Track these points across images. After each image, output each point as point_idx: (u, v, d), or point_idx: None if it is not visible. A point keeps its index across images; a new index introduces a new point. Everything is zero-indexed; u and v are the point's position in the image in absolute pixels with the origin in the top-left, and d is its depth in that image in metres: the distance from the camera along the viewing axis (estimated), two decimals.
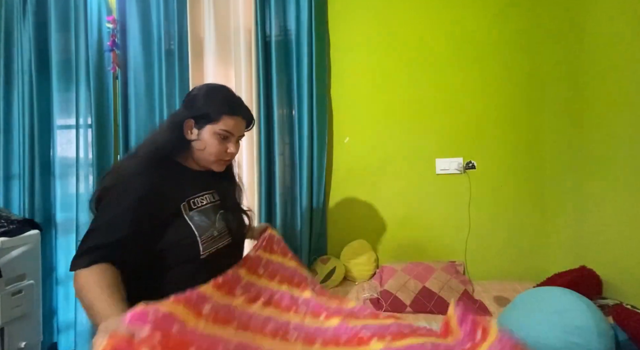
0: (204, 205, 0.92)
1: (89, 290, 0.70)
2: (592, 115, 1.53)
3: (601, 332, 0.95)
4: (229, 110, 0.91)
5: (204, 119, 0.90)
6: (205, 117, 0.90)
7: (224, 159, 0.96)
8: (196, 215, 0.89)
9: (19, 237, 1.68)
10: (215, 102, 0.91)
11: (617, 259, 1.39)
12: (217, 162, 0.95)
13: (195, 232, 0.87)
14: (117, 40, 1.95)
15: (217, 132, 0.91)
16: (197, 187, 0.93)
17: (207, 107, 0.90)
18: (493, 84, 1.81)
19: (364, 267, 1.77)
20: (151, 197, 0.82)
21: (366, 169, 1.90)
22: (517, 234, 1.79)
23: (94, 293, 0.69)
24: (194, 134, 0.92)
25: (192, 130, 0.92)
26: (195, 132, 0.92)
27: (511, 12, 1.79)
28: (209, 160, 0.94)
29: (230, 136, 0.93)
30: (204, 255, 0.87)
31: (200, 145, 0.92)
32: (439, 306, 1.47)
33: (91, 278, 0.71)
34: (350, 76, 1.92)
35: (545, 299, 1.09)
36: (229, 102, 0.93)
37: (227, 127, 0.91)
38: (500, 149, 1.80)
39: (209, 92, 0.93)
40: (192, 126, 0.92)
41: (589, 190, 1.56)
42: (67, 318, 2.01)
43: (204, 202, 0.92)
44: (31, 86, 1.98)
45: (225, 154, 0.94)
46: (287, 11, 1.89)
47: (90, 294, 0.69)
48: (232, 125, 0.92)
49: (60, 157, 2.05)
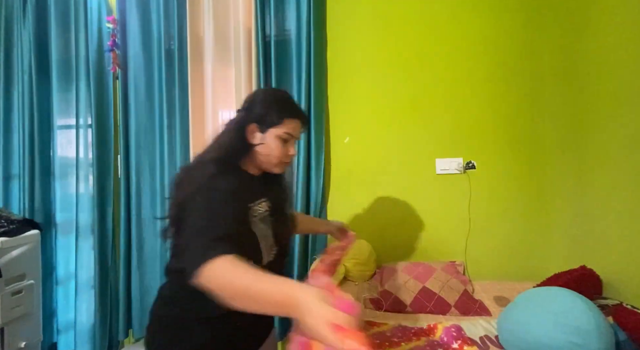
0: (262, 213, 0.93)
1: (236, 276, 0.63)
2: (592, 115, 1.53)
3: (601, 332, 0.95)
4: (291, 113, 0.94)
5: (267, 123, 0.92)
6: (268, 120, 0.92)
7: (286, 162, 0.97)
8: (258, 223, 0.90)
9: (19, 237, 1.69)
10: (277, 105, 0.93)
11: (617, 259, 1.39)
12: (279, 164, 0.96)
13: (259, 240, 0.88)
14: (117, 40, 1.95)
15: (279, 135, 0.92)
16: (257, 194, 0.94)
17: (269, 111, 0.92)
18: (493, 84, 1.80)
19: (364, 267, 1.77)
20: (235, 195, 0.82)
21: (366, 169, 1.90)
22: (517, 234, 1.79)
23: (247, 276, 0.62)
24: (258, 138, 0.93)
25: (256, 135, 0.93)
26: (259, 136, 0.93)
27: (511, 12, 1.79)
28: (272, 163, 0.95)
29: (290, 138, 0.95)
30: (265, 263, 0.89)
31: (265, 149, 0.93)
32: (439, 306, 1.46)
33: (230, 266, 0.64)
34: (349, 76, 1.92)
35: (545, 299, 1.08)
36: (290, 105, 0.96)
37: (289, 129, 0.93)
38: (500, 149, 1.80)
39: (270, 96, 0.95)
40: (256, 130, 0.93)
41: (589, 190, 1.55)
42: (67, 318, 2.02)
43: (261, 209, 0.93)
44: (31, 86, 1.98)
45: (287, 156, 0.96)
46: (286, 11, 1.89)
47: (243, 277, 0.62)
48: (293, 128, 0.94)
49: (60, 157, 2.05)
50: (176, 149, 1.94)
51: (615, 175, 1.41)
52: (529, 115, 1.78)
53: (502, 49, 1.80)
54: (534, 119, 1.78)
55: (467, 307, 1.45)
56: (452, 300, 1.47)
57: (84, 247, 1.99)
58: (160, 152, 1.97)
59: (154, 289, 1.96)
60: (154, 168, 1.98)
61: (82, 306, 1.98)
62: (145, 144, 1.98)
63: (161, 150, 1.97)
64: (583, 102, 1.57)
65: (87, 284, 1.99)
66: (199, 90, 1.94)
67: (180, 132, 1.93)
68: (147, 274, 1.97)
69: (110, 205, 2.01)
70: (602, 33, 1.46)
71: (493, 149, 1.80)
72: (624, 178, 1.36)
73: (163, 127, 1.95)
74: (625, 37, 1.35)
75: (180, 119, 1.93)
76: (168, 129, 1.94)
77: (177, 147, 1.93)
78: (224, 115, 1.98)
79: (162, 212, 1.96)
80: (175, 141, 1.94)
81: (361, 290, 1.65)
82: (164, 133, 1.94)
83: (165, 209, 0.90)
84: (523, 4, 1.78)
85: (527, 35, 1.77)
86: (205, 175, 0.83)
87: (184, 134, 1.93)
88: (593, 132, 1.52)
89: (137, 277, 1.96)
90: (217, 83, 1.95)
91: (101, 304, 1.95)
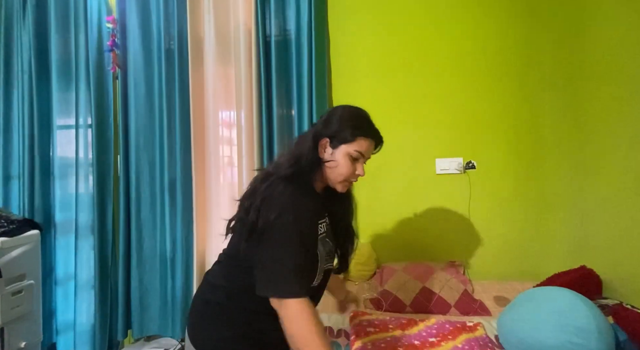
0: (323, 233, 0.93)
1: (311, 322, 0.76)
2: (592, 115, 1.53)
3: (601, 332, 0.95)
4: (364, 132, 0.93)
5: (339, 139, 0.92)
6: (341, 136, 0.91)
7: (351, 180, 0.96)
8: (320, 244, 0.91)
9: (19, 237, 1.69)
10: (352, 122, 0.93)
11: (617, 259, 1.39)
12: (344, 182, 0.95)
13: (319, 261, 0.90)
14: (117, 40, 1.95)
15: (350, 152, 0.92)
16: (321, 213, 0.94)
17: (344, 128, 0.91)
18: (493, 84, 1.80)
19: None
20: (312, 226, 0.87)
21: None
22: (517, 234, 1.79)
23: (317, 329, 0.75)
24: (328, 153, 0.93)
25: (327, 149, 0.93)
26: (329, 151, 0.93)
27: (512, 13, 1.79)
28: (337, 180, 0.94)
29: (360, 158, 0.94)
30: (315, 283, 0.92)
31: (333, 164, 0.92)
32: (439, 306, 1.47)
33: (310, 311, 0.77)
34: (350, 76, 1.92)
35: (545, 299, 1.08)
36: (365, 124, 0.95)
37: (361, 148, 0.92)
38: (500, 149, 1.80)
39: (347, 113, 0.95)
40: (327, 145, 0.93)
41: (589, 190, 1.56)
42: (66, 318, 2.01)
43: (323, 230, 0.93)
44: (31, 86, 1.98)
45: (353, 175, 0.95)
46: (287, 11, 1.89)
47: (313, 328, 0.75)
48: (365, 147, 0.93)
49: (60, 157, 2.05)
50: (176, 149, 1.94)
51: (615, 175, 1.41)
52: (529, 115, 1.78)
53: (502, 49, 1.80)
54: (534, 119, 1.78)
55: (467, 307, 1.45)
56: (452, 300, 1.47)
57: (84, 247, 1.99)
58: (160, 152, 1.97)
59: (153, 289, 1.96)
60: (153, 168, 1.98)
61: (82, 306, 1.98)
62: (145, 144, 1.98)
63: (161, 150, 1.97)
64: (583, 103, 1.57)
65: (87, 284, 1.99)
66: (199, 90, 1.94)
67: (180, 132, 1.93)
68: (146, 274, 1.97)
69: (110, 205, 2.01)
70: (602, 33, 1.46)
71: (493, 149, 1.80)
72: (624, 178, 1.36)
73: (163, 127, 1.95)
74: (625, 38, 1.35)
75: (180, 118, 1.93)
76: (168, 129, 1.94)
77: (177, 147, 1.93)
78: (224, 115, 1.98)
79: (163, 212, 1.96)
80: (175, 141, 1.94)
81: (361, 290, 1.65)
82: (164, 133, 1.94)
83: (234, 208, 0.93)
84: (524, 4, 1.78)
85: (528, 36, 1.78)
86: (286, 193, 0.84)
87: (184, 134, 1.93)
88: (593, 132, 1.52)
89: (136, 277, 1.96)
90: (217, 83, 1.95)
91: (101, 304, 1.95)
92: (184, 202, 1.92)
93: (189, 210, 1.91)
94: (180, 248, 1.93)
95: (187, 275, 1.92)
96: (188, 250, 1.92)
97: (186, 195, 1.92)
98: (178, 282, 1.93)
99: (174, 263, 1.94)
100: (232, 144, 1.99)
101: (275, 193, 0.85)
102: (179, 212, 1.93)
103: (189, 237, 1.92)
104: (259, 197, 0.85)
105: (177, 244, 1.94)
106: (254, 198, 0.86)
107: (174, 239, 1.95)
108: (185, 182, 1.92)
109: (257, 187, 0.88)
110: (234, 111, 1.94)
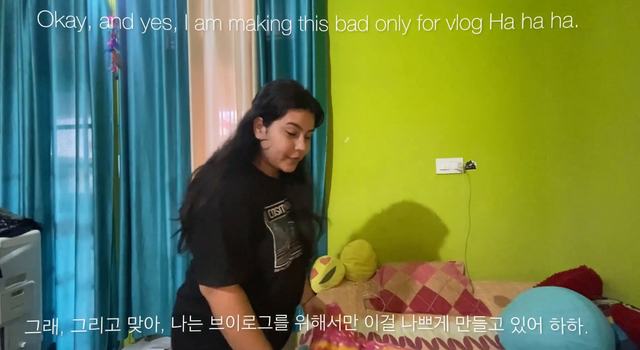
0: (280, 216, 0.91)
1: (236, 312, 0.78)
2: (592, 116, 1.53)
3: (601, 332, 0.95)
4: (295, 103, 0.86)
5: (270, 116, 0.87)
6: (272, 113, 0.86)
7: (293, 157, 0.90)
8: (275, 226, 0.88)
9: (19, 237, 1.69)
10: (280, 97, 0.87)
11: (617, 259, 1.39)
12: (285, 160, 0.90)
13: (274, 245, 0.87)
14: (117, 40, 1.95)
15: (283, 127, 0.86)
16: (273, 196, 0.91)
17: (272, 103, 0.87)
18: (493, 84, 1.81)
19: (364, 267, 1.77)
20: (249, 202, 0.83)
21: (366, 169, 1.90)
22: (517, 234, 1.79)
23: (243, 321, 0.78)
24: (263, 133, 0.88)
25: (261, 129, 0.89)
26: (263, 130, 0.88)
27: (512, 13, 1.79)
28: (277, 159, 0.89)
29: (298, 131, 0.88)
30: (278, 269, 0.88)
31: (268, 143, 0.88)
32: (439, 306, 1.47)
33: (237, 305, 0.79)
34: (350, 76, 1.91)
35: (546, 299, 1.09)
36: (295, 95, 0.88)
37: (295, 120, 0.86)
38: (500, 149, 1.80)
39: (273, 88, 0.90)
40: (261, 124, 0.88)
41: (589, 190, 1.56)
42: (67, 318, 2.01)
43: (279, 212, 0.91)
44: (31, 86, 1.98)
45: (293, 151, 0.89)
46: (287, 11, 1.89)
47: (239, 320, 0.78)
48: (300, 119, 0.87)
49: (60, 157, 2.04)
50: (176, 149, 1.94)
51: (615, 175, 1.41)
52: (529, 115, 1.78)
53: (502, 49, 1.80)
54: (534, 119, 1.78)
55: (467, 307, 1.45)
56: (452, 300, 1.47)
57: (84, 247, 1.98)
58: (161, 152, 1.97)
59: (154, 289, 1.96)
60: (154, 168, 1.98)
61: (82, 306, 1.98)
62: (145, 144, 1.98)
63: (161, 150, 1.97)
64: (583, 103, 1.57)
65: (87, 284, 1.98)
66: (199, 90, 1.94)
67: (181, 132, 1.93)
68: (147, 274, 1.97)
69: (111, 205, 2.01)
70: (603, 32, 1.46)
71: (493, 149, 1.81)
72: (623, 178, 1.36)
73: (163, 127, 1.95)
74: (625, 37, 1.35)
75: (180, 119, 1.93)
76: (168, 129, 1.94)
77: (177, 147, 1.93)
78: (224, 115, 1.98)
79: (163, 212, 1.96)
80: (175, 141, 1.94)
81: (361, 290, 1.65)
82: (164, 133, 1.94)
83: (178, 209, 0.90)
84: (524, 4, 1.78)
85: (528, 36, 1.77)
86: (217, 178, 0.81)
87: (184, 134, 1.93)
88: (593, 132, 1.52)
89: (137, 277, 1.96)
90: (218, 83, 1.95)
91: (101, 304, 1.95)
92: None
93: None
94: None
95: None
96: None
97: None
98: (178, 282, 1.92)
99: (175, 263, 1.94)
100: None
101: (206, 180, 0.83)
102: None
103: None
104: (195, 188, 0.84)
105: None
106: (191, 190, 0.85)
107: (174, 238, 1.94)
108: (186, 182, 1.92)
109: (196, 178, 0.87)
110: (234, 111, 1.94)
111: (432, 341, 1.24)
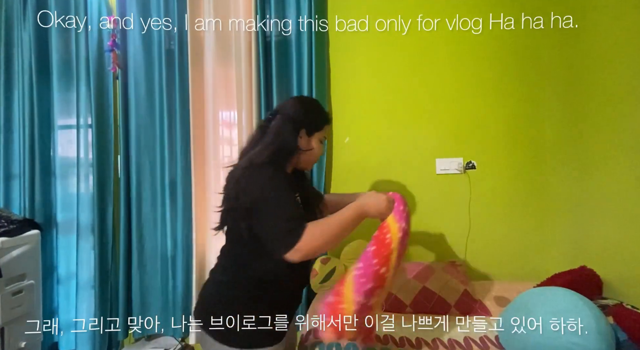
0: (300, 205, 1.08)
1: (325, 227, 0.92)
2: (592, 116, 1.53)
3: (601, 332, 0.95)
4: (328, 120, 1.14)
5: (312, 128, 1.09)
6: (314, 126, 1.09)
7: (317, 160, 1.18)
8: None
9: (19, 237, 1.69)
10: (318, 113, 1.12)
11: (617, 259, 1.39)
12: (314, 163, 1.20)
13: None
14: (117, 40, 1.95)
15: (320, 138, 1.11)
16: (294, 189, 1.06)
17: (314, 118, 1.10)
18: (493, 84, 1.80)
19: None
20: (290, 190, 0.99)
21: (366, 169, 1.90)
22: (518, 234, 1.79)
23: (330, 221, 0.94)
24: (305, 142, 1.08)
25: (304, 138, 1.08)
26: (306, 140, 1.08)
27: (511, 12, 1.79)
28: (311, 161, 1.14)
29: (324, 140, 1.16)
30: None
31: (312, 151, 1.10)
32: (439, 306, 1.47)
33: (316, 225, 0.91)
34: (350, 76, 1.91)
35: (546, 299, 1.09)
36: (325, 113, 1.15)
37: (327, 133, 1.18)
38: (500, 149, 1.80)
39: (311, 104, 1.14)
40: (304, 135, 1.08)
41: (589, 190, 1.55)
42: (67, 318, 2.02)
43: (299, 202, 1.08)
44: (31, 86, 1.98)
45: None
46: (287, 11, 1.89)
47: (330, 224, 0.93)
48: (328, 132, 1.19)
49: (60, 157, 2.05)
50: (176, 149, 1.94)
51: (615, 176, 1.41)
52: (529, 115, 1.78)
53: (502, 49, 1.80)
54: (534, 119, 1.78)
55: (467, 307, 1.45)
56: (452, 300, 1.47)
57: (85, 247, 1.99)
58: (161, 152, 1.97)
59: (154, 288, 1.96)
60: (154, 168, 1.98)
61: (83, 306, 1.98)
62: (145, 144, 1.98)
63: (161, 150, 1.97)
64: (583, 103, 1.57)
65: (87, 284, 1.99)
66: (199, 90, 1.94)
67: (181, 132, 1.93)
68: (147, 274, 1.97)
69: (111, 205, 2.01)
70: (602, 33, 1.46)
71: (493, 149, 1.80)
72: (624, 178, 1.36)
73: (163, 127, 1.95)
74: (624, 38, 1.35)
75: (180, 119, 1.93)
76: (168, 129, 1.94)
77: (178, 147, 1.93)
78: (224, 115, 1.98)
79: (163, 212, 1.96)
80: (175, 141, 1.94)
81: None
82: (164, 133, 1.94)
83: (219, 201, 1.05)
84: (524, 4, 1.78)
85: (528, 36, 1.77)
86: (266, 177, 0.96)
87: (184, 134, 1.93)
88: (593, 132, 1.52)
89: (137, 277, 1.96)
90: (218, 83, 1.95)
91: (101, 304, 1.95)
92: (185, 201, 1.92)
93: (190, 209, 1.92)
94: (181, 247, 1.93)
95: (188, 274, 1.93)
96: (188, 250, 1.92)
97: (186, 195, 1.92)
98: (179, 281, 1.93)
99: (175, 262, 1.94)
100: (232, 144, 1.99)
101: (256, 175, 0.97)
102: (179, 212, 1.93)
103: (190, 236, 1.92)
104: (243, 182, 0.96)
105: (177, 243, 1.94)
106: (239, 185, 0.96)
107: (174, 238, 1.95)
108: (186, 182, 1.92)
109: (240, 176, 0.98)
110: (234, 111, 1.94)
111: (432, 341, 1.24)
